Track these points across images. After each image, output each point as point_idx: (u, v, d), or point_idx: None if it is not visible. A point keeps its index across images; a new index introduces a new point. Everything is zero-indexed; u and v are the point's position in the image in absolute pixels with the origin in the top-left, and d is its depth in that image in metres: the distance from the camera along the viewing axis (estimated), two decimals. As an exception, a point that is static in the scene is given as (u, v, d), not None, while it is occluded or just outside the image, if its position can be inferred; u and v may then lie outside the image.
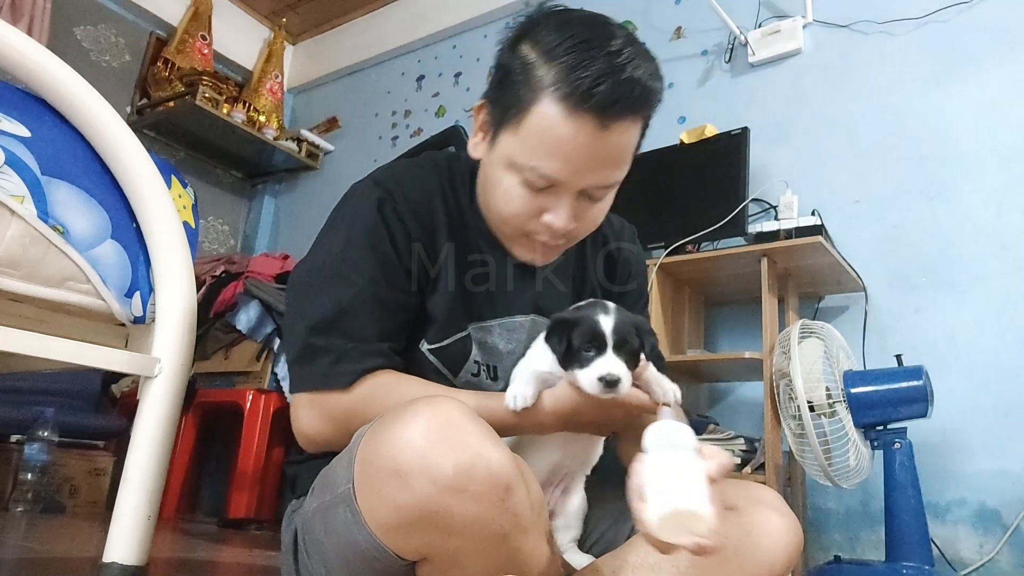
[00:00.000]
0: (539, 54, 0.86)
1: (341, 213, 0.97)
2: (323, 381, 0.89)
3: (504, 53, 0.91)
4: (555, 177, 0.86)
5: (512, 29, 0.92)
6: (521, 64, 0.87)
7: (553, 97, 0.83)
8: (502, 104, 0.89)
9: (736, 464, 1.96)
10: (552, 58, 0.84)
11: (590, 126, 0.83)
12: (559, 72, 0.83)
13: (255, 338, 2.87)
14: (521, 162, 0.87)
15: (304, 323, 0.91)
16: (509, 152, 0.88)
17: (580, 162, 0.86)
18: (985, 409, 1.96)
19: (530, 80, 0.85)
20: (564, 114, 0.83)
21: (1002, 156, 2.10)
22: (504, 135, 0.89)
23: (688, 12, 2.84)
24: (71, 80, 1.10)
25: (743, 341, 2.36)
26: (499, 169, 0.90)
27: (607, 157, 0.87)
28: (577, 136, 0.84)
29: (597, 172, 0.88)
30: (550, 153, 0.85)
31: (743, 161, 2.24)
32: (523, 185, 0.88)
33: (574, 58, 0.83)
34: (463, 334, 0.98)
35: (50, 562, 1.57)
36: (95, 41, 3.62)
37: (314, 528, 0.85)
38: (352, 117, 3.95)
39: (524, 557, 0.78)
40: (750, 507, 0.90)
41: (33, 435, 2.65)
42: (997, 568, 1.85)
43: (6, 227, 0.98)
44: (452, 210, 0.98)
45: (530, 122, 0.85)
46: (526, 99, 0.85)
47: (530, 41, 0.88)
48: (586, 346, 0.83)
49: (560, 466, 0.96)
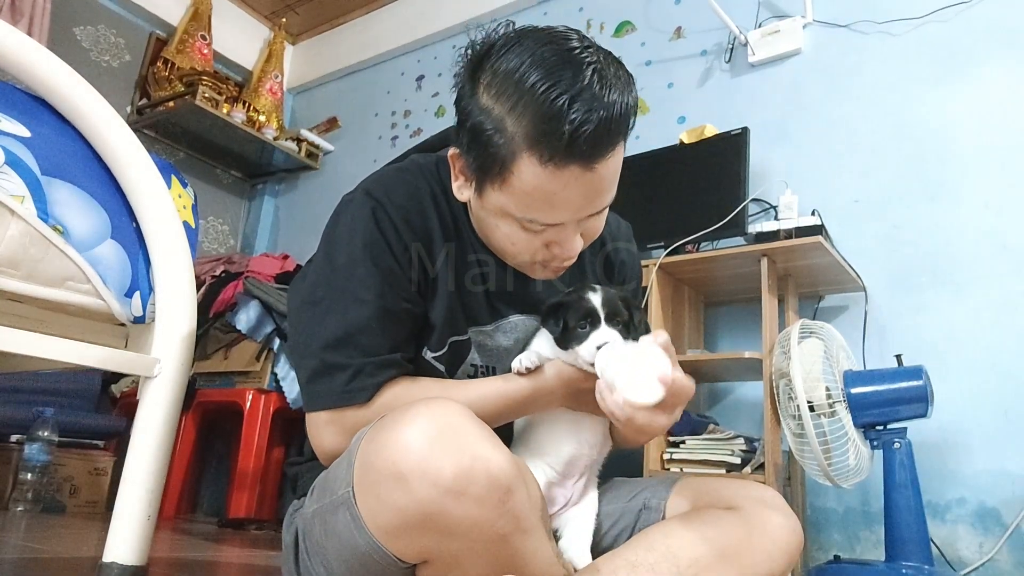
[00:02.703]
0: (504, 107, 0.81)
1: (338, 228, 0.95)
2: (343, 399, 0.88)
3: (465, 99, 0.86)
4: (554, 222, 0.86)
5: (465, 66, 0.86)
6: (488, 118, 0.82)
7: (534, 158, 0.79)
8: (479, 161, 0.85)
9: (736, 464, 1.96)
10: (519, 112, 0.79)
11: (577, 172, 0.80)
12: (532, 128, 0.78)
13: (255, 338, 2.87)
14: (518, 215, 0.86)
15: (316, 343, 0.90)
16: (501, 205, 0.86)
17: (576, 204, 0.84)
18: (985, 409, 1.96)
19: (504, 136, 0.81)
20: (549, 173, 0.80)
21: (1002, 156, 2.10)
22: (490, 191, 0.86)
23: (688, 12, 2.84)
24: (71, 80, 1.10)
25: (743, 341, 2.36)
26: (494, 216, 0.89)
27: (601, 190, 0.86)
28: (568, 187, 0.81)
29: (593, 204, 0.87)
30: (545, 206, 0.84)
31: (743, 161, 2.24)
32: (523, 230, 0.88)
33: (545, 108, 0.77)
34: (463, 337, 0.99)
35: (50, 562, 1.57)
36: (95, 41, 3.62)
37: (314, 530, 0.85)
38: (352, 117, 3.95)
39: (525, 558, 0.78)
40: (751, 507, 0.91)
41: (33, 435, 2.65)
42: (997, 568, 1.86)
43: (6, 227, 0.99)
44: (444, 212, 0.98)
45: (516, 181, 0.82)
46: (505, 158, 0.81)
47: (489, 87, 0.82)
48: (581, 323, 0.89)
49: (577, 456, 0.97)
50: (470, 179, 0.90)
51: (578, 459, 0.97)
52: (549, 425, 0.98)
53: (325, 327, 0.90)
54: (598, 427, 0.99)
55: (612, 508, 1.01)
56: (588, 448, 0.98)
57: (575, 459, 0.97)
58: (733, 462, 1.96)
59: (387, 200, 0.93)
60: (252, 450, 2.78)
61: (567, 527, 0.96)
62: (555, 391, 0.94)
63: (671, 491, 1.00)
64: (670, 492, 1.00)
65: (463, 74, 0.87)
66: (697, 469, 1.99)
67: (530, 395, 0.93)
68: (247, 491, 2.77)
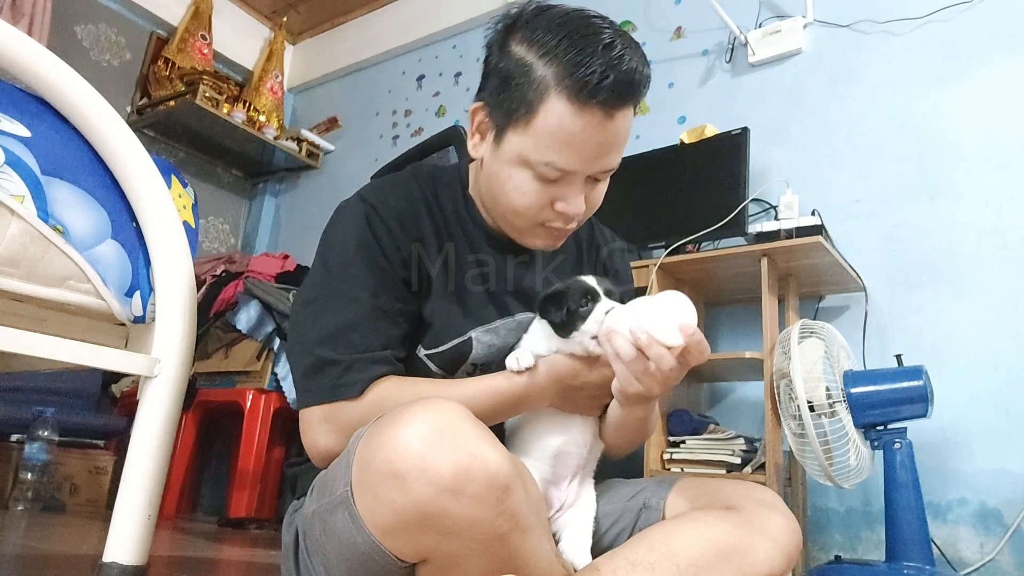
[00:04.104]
0: (536, 54, 0.88)
1: (334, 232, 0.99)
2: (333, 393, 0.90)
3: (495, 55, 0.94)
4: (569, 168, 0.90)
5: (496, 30, 0.94)
6: (518, 66, 0.89)
7: (561, 95, 0.86)
8: (505, 106, 0.91)
9: (737, 464, 1.96)
10: (551, 57, 0.87)
11: (598, 118, 0.87)
12: (562, 70, 0.86)
13: (255, 337, 2.87)
14: (534, 158, 0.90)
15: (310, 340, 0.93)
16: (520, 150, 0.91)
17: (591, 152, 0.90)
18: (985, 409, 1.95)
19: (532, 81, 0.88)
20: (573, 111, 0.87)
21: (1002, 156, 2.10)
22: (512, 135, 0.91)
23: (688, 12, 2.84)
24: (71, 80, 1.10)
25: (743, 341, 2.36)
26: (508, 166, 0.93)
27: (613, 144, 0.92)
28: (587, 129, 0.88)
29: (605, 158, 0.92)
30: (563, 148, 0.89)
31: (743, 161, 2.23)
32: (535, 179, 0.92)
33: (574, 55, 0.86)
34: (463, 338, 0.99)
35: (50, 561, 1.57)
36: (95, 40, 3.62)
37: (314, 529, 0.85)
38: (352, 117, 3.95)
39: (523, 558, 0.78)
40: (750, 507, 0.91)
41: (33, 434, 2.65)
42: (997, 568, 1.85)
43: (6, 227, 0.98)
44: (437, 216, 1.02)
45: (540, 121, 0.88)
46: (532, 100, 0.88)
47: (522, 41, 0.90)
48: (582, 301, 0.92)
49: (564, 454, 0.97)
50: (490, 130, 0.95)
51: (566, 457, 0.97)
52: (536, 423, 0.98)
53: (319, 325, 0.93)
54: (588, 427, 0.99)
55: (612, 508, 1.01)
56: (576, 447, 0.98)
57: (563, 456, 0.97)
58: (734, 462, 1.96)
59: (380, 204, 0.97)
60: (252, 450, 2.78)
61: (566, 528, 0.96)
62: (547, 389, 0.95)
63: (671, 491, 1.00)
64: (670, 492, 1.00)
65: (494, 36, 0.94)
66: (697, 469, 1.99)
67: (522, 393, 0.94)
68: (247, 491, 2.77)
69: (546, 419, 0.98)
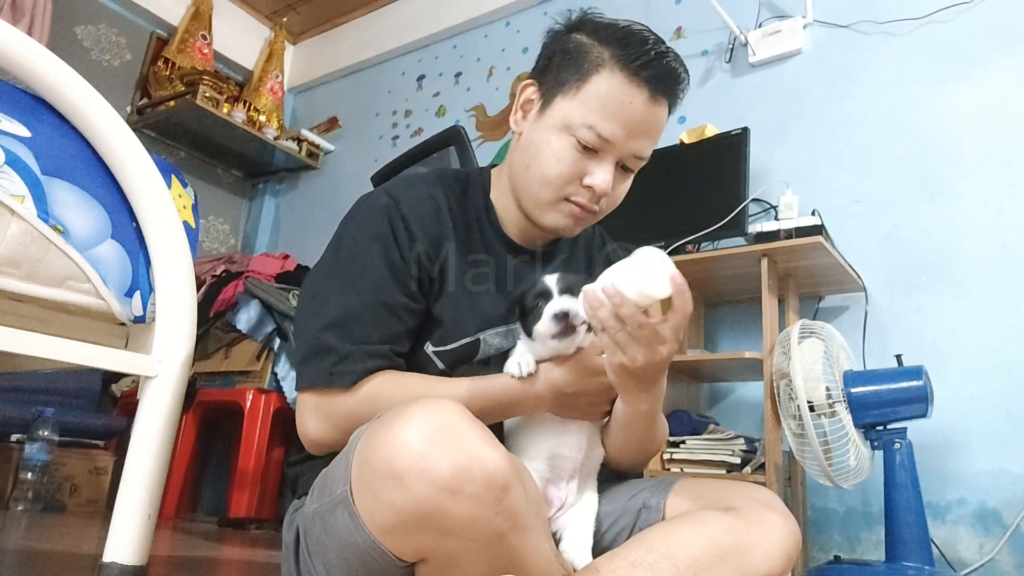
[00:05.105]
0: (596, 39, 0.97)
1: (353, 220, 1.01)
2: (327, 380, 0.92)
3: (556, 39, 1.01)
4: (609, 137, 0.95)
5: (559, 24, 1.03)
6: (578, 45, 0.97)
7: (615, 66, 0.94)
8: (558, 78, 0.98)
9: (736, 464, 1.96)
10: (609, 42, 0.96)
11: (644, 95, 0.95)
12: (618, 48, 0.95)
13: (255, 338, 2.87)
14: (578, 122, 0.95)
15: (313, 324, 0.94)
16: (565, 114, 0.96)
17: (632, 126, 0.95)
18: (985, 409, 1.95)
19: (589, 55, 0.96)
20: (624, 80, 0.94)
21: (1002, 156, 2.10)
22: (560, 101, 0.97)
23: (688, 12, 2.84)
24: (71, 80, 1.10)
25: (743, 341, 2.36)
26: (548, 132, 0.98)
27: (651, 129, 0.98)
28: (633, 102, 0.94)
29: (640, 140, 0.98)
30: (609, 114, 0.94)
31: (743, 161, 2.24)
32: (573, 147, 0.96)
33: (633, 40, 0.95)
34: (471, 339, 1.00)
35: (50, 561, 1.57)
36: (96, 40, 3.62)
37: (315, 529, 0.85)
38: (352, 117, 3.95)
39: (523, 557, 0.78)
40: (749, 508, 0.91)
41: (33, 434, 2.65)
42: (997, 568, 1.85)
43: (6, 227, 0.98)
44: (458, 219, 1.03)
45: (591, 87, 0.95)
46: (587, 69, 0.95)
47: (583, 31, 0.99)
48: (535, 301, 0.91)
49: (558, 455, 0.97)
50: (532, 104, 1.01)
51: (561, 459, 0.97)
52: (532, 424, 0.98)
53: (323, 310, 0.94)
54: (583, 431, 0.99)
55: (611, 508, 1.01)
56: (571, 450, 0.97)
57: (557, 457, 0.96)
58: (733, 462, 1.96)
59: (402, 199, 0.99)
60: (252, 450, 2.78)
61: (567, 527, 0.96)
62: (542, 397, 0.94)
63: (670, 491, 1.00)
64: (669, 492, 1.00)
65: (557, 28, 1.03)
66: (697, 469, 1.99)
67: (516, 398, 0.93)
68: (247, 491, 2.77)
69: (541, 422, 0.98)
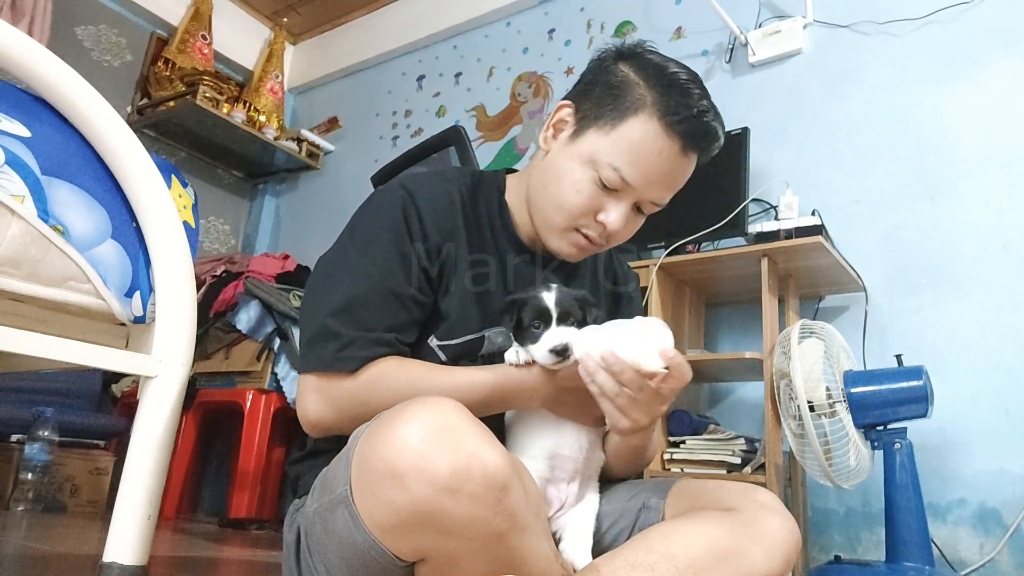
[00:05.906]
0: (642, 77, 0.96)
1: (368, 209, 1.02)
2: (330, 364, 0.93)
3: (600, 66, 1.01)
4: (631, 182, 0.96)
5: (607, 49, 1.02)
6: (622, 80, 0.97)
7: (655, 113, 0.94)
8: (598, 105, 0.98)
9: (737, 464, 1.96)
10: (655, 85, 0.95)
11: (676, 148, 0.95)
12: (661, 98, 0.94)
13: (255, 338, 2.87)
14: (605, 160, 0.95)
15: (320, 308, 0.95)
16: (594, 149, 0.96)
17: (655, 175, 0.97)
18: (985, 409, 1.95)
19: (632, 94, 0.96)
20: (659, 130, 0.94)
21: (1002, 156, 2.10)
22: (592, 134, 0.97)
23: (688, 12, 2.84)
24: (71, 80, 1.10)
25: (743, 341, 2.36)
26: (574, 161, 0.98)
27: (674, 180, 1.00)
28: (662, 152, 0.95)
29: (661, 189, 0.99)
30: (635, 159, 0.95)
31: (743, 161, 2.24)
32: (594, 182, 0.97)
33: (676, 94, 0.95)
34: (475, 335, 1.01)
35: (50, 561, 1.57)
36: (96, 41, 3.62)
37: (315, 528, 0.85)
38: (353, 117, 3.95)
39: (522, 557, 0.78)
40: (749, 508, 0.91)
41: (34, 435, 2.65)
42: (997, 568, 1.85)
43: (6, 227, 0.98)
44: (471, 218, 1.04)
45: (626, 129, 0.95)
46: (625, 109, 0.95)
47: (631, 66, 0.98)
48: (534, 322, 0.92)
49: (556, 454, 0.97)
50: (566, 127, 1.01)
51: (561, 459, 0.97)
52: (531, 422, 0.99)
53: (331, 295, 0.95)
54: (582, 432, 0.99)
55: (611, 508, 1.01)
56: (570, 450, 0.97)
57: (557, 457, 0.96)
58: (733, 462, 1.96)
59: (418, 193, 1.00)
60: (253, 450, 2.78)
61: (567, 527, 0.96)
62: (539, 388, 0.95)
63: (670, 492, 1.00)
64: (669, 493, 1.00)
65: (605, 53, 1.02)
66: (697, 469, 1.99)
67: (515, 387, 0.94)
68: (248, 491, 2.77)
69: (540, 420, 0.98)
